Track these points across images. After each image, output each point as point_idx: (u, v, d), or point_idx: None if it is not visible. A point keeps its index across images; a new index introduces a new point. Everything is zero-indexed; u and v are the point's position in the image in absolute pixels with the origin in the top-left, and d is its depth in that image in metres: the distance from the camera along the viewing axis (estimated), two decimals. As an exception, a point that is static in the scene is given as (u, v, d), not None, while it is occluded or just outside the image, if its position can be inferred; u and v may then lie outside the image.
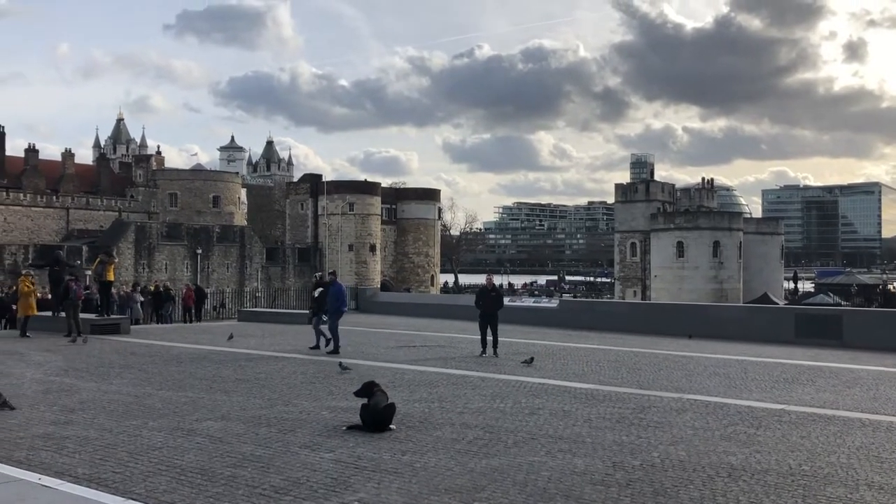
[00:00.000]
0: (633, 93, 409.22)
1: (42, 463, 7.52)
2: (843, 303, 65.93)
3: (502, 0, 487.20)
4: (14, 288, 29.24)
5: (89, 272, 34.15)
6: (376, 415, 9.09)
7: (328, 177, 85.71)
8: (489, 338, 17.20)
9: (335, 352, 16.89)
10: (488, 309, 17.31)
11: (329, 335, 17.40)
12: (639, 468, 7.49)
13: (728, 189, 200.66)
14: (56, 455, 7.84)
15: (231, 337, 20.32)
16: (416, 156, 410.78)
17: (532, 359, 15.96)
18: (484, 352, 17.12)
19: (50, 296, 24.57)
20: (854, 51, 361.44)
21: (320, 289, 18.67)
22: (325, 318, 17.73)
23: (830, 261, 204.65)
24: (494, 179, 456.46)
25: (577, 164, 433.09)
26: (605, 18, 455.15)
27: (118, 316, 23.99)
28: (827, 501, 6.55)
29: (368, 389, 9.48)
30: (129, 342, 19.49)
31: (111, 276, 22.82)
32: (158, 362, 15.58)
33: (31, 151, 79.47)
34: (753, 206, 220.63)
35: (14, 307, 26.42)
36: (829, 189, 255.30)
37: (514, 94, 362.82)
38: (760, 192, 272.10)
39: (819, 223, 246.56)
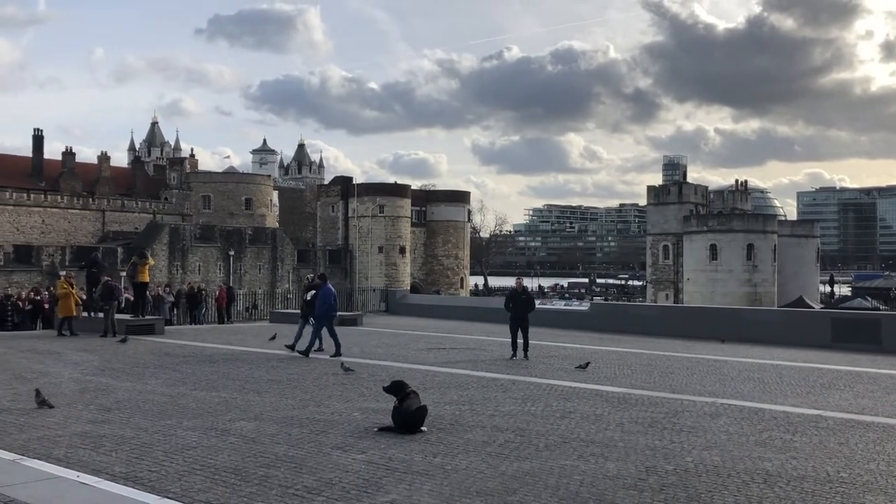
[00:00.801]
0: (664, 94, 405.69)
1: (80, 461, 7.65)
2: (881, 307, 64.64)
3: (531, 2, 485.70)
4: (51, 289, 29.81)
5: (123, 273, 34.71)
6: (408, 417, 9.11)
7: (358, 179, 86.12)
8: (519, 340, 17.16)
9: (305, 353, 16.55)
10: (519, 312, 17.26)
11: (328, 337, 16.92)
12: (672, 473, 7.42)
13: (762, 191, 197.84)
14: (93, 453, 7.97)
15: (274, 337, 20.43)
16: (445, 158, 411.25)
17: (588, 363, 15.52)
18: (514, 355, 17.08)
19: (84, 296, 24.97)
20: (891, 50, 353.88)
21: (312, 291, 17.98)
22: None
23: (868, 264, 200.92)
24: (524, 181, 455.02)
25: (608, 166, 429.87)
26: (635, 19, 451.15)
27: (152, 317, 24.32)
28: (866, 509, 6.43)
29: (399, 388, 9.50)
30: (163, 343, 19.76)
31: (146, 278, 23.13)
32: (192, 363, 15.78)
33: (68, 154, 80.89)
34: (788, 209, 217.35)
35: (46, 307, 27.04)
36: (867, 191, 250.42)
37: (544, 96, 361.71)
38: (795, 195, 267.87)
39: (856, 226, 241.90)
